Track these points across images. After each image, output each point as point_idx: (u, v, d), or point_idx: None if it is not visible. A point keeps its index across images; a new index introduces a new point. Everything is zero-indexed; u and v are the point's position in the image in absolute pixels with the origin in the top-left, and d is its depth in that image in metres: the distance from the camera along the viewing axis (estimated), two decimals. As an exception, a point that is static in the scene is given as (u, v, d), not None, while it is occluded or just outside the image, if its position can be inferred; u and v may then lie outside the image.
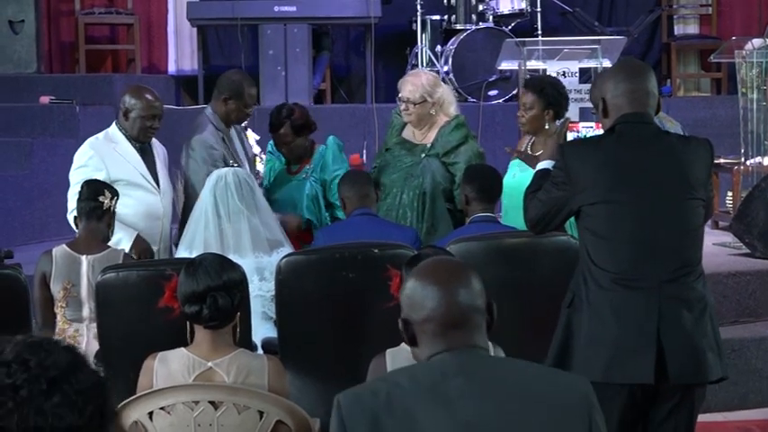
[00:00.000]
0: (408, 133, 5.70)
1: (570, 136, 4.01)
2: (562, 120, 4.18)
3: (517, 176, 5.30)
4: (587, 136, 4.32)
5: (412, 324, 2.41)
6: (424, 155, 5.58)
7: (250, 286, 4.54)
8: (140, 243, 5.12)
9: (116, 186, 4.92)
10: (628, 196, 3.50)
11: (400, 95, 5.63)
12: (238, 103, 5.47)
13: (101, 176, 5.08)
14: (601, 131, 3.82)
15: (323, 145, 5.81)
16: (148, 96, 5.30)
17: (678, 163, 3.56)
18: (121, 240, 5.03)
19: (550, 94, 5.38)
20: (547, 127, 5.38)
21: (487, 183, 5.00)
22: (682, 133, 5.29)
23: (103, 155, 5.24)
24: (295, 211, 5.64)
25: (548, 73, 7.45)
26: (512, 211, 5.18)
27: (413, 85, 5.58)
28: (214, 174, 4.99)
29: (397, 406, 2.30)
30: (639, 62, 4.04)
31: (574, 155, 3.61)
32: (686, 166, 3.56)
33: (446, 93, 5.71)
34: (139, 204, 5.25)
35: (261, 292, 4.73)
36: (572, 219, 5.10)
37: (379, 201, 5.44)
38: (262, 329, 4.64)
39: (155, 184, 5.34)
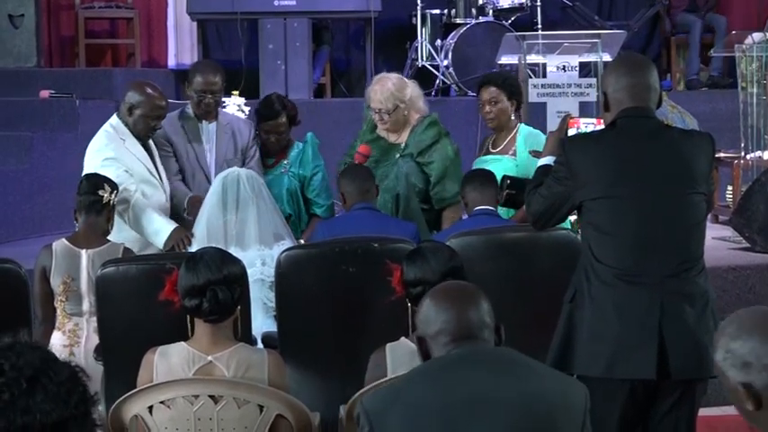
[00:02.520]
0: (383, 131, 5.68)
1: (571, 132, 4.00)
2: (563, 115, 4.19)
3: None
4: (588, 131, 4.33)
5: (426, 340, 2.58)
6: (398, 155, 5.57)
7: (252, 270, 4.56)
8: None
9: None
10: (629, 191, 3.49)
11: (372, 105, 5.57)
12: (189, 89, 5.47)
13: (122, 172, 5.05)
14: (602, 127, 3.82)
15: (298, 141, 5.82)
16: (155, 95, 5.22)
17: (680, 157, 3.55)
18: (161, 231, 5.01)
19: (511, 84, 5.53)
20: (512, 118, 5.47)
21: (482, 180, 5.01)
22: (698, 129, 5.30)
23: (120, 152, 5.18)
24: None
25: (548, 67, 7.45)
26: None
27: (382, 94, 5.53)
28: (227, 170, 5.10)
29: (415, 392, 2.45)
30: (641, 56, 4.04)
31: (575, 149, 3.60)
32: (688, 161, 3.55)
33: (413, 89, 5.68)
34: (150, 202, 5.19)
35: (262, 276, 4.74)
36: None
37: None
38: (261, 323, 4.64)
39: (159, 179, 5.33)
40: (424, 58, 9.56)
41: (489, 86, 5.52)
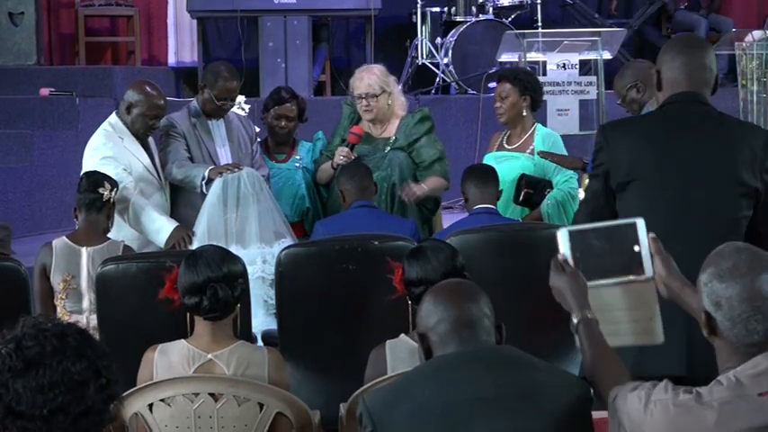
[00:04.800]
0: (365, 125, 5.69)
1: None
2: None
3: None
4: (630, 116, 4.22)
5: (428, 336, 2.57)
6: (388, 148, 5.58)
7: (252, 268, 4.56)
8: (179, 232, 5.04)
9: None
10: (664, 178, 3.37)
11: (357, 93, 5.60)
12: (210, 92, 5.44)
13: (120, 170, 5.05)
14: None
15: (303, 140, 5.86)
16: (154, 94, 5.22)
17: (726, 147, 3.38)
18: (161, 229, 5.01)
19: (525, 80, 5.55)
20: (524, 114, 5.48)
21: (484, 177, 5.00)
22: None
23: (118, 150, 5.18)
24: (294, 198, 5.64)
25: (548, 65, 7.46)
26: None
27: (369, 78, 5.59)
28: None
29: (418, 392, 2.46)
30: (698, 37, 3.95)
31: (614, 133, 3.48)
32: (734, 152, 3.38)
33: (395, 82, 5.75)
34: (150, 200, 5.19)
35: (263, 274, 4.75)
36: (553, 203, 5.07)
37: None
38: (261, 321, 4.65)
39: (158, 178, 5.32)
40: (425, 56, 9.56)
41: (502, 81, 5.58)
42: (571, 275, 2.73)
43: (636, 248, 2.80)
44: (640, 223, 2.82)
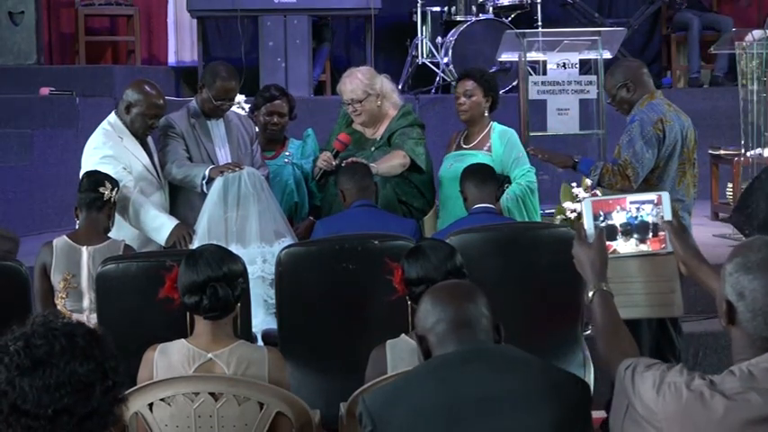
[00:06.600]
0: (359, 127, 5.72)
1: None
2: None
3: (453, 167, 5.43)
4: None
5: (426, 335, 2.58)
6: (374, 149, 5.59)
7: (252, 267, 4.56)
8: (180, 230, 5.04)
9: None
10: None
11: (344, 100, 5.64)
12: (208, 92, 5.42)
13: (120, 169, 5.05)
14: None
15: (293, 138, 5.87)
16: (153, 94, 5.22)
17: None
18: (162, 227, 5.00)
19: (491, 81, 5.62)
20: (485, 114, 5.53)
21: (483, 176, 5.01)
22: (692, 128, 5.21)
23: (118, 150, 5.18)
24: (282, 193, 5.64)
25: (548, 65, 7.45)
26: (449, 202, 5.25)
27: (351, 84, 5.61)
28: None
29: (417, 392, 2.47)
30: None
31: None
32: None
33: (385, 82, 5.74)
34: (149, 199, 5.18)
35: (263, 274, 4.75)
36: (512, 197, 5.08)
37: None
38: (261, 320, 4.65)
39: (158, 178, 5.32)
40: (425, 56, 9.56)
41: (467, 80, 5.65)
42: (593, 247, 2.77)
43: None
44: (665, 197, 2.84)
